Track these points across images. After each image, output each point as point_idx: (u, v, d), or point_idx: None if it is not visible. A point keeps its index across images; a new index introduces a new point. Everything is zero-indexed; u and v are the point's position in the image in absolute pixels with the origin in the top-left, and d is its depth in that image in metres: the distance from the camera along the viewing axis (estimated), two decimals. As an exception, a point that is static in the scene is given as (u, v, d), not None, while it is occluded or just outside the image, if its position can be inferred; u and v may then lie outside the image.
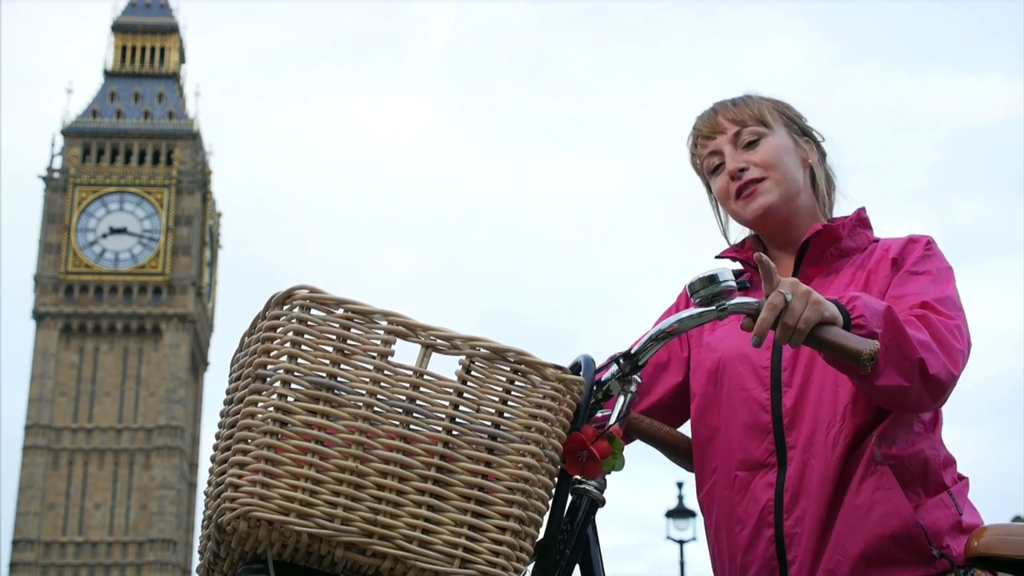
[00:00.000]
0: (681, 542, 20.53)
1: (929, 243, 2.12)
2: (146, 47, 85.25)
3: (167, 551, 72.32)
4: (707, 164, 2.20)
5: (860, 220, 2.19)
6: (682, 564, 20.56)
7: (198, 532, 1.78)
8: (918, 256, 2.09)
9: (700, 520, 2.24)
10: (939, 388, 1.91)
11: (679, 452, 2.19)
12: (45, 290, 76.23)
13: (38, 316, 75.96)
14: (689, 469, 2.21)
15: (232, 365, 1.83)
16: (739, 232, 2.28)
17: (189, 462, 78.63)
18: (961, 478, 2.06)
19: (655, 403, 2.21)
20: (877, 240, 2.19)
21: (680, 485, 20.69)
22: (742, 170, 2.14)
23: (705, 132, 2.19)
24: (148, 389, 75.93)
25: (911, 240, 2.14)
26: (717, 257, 2.26)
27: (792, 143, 2.18)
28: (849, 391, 1.99)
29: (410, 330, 1.68)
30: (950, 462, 2.05)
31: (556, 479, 1.74)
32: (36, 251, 77.42)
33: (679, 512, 20.55)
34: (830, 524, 1.96)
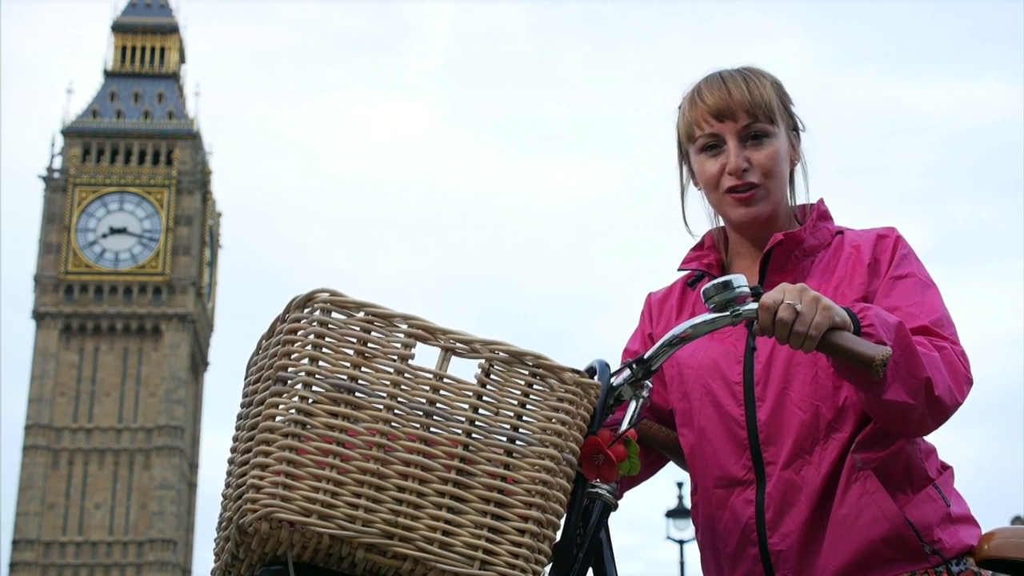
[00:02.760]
0: (681, 542, 20.54)
1: (899, 239, 2.08)
2: (146, 47, 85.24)
3: (167, 551, 72.29)
4: (701, 141, 2.09)
5: (820, 214, 2.14)
6: (682, 564, 20.57)
7: (198, 532, 1.80)
8: (895, 257, 2.05)
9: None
10: (942, 411, 1.89)
11: (673, 452, 2.18)
12: (45, 290, 76.20)
13: (38, 316, 75.94)
14: (681, 465, 2.20)
15: (248, 368, 1.84)
16: (695, 203, 2.21)
17: (189, 462, 78.63)
18: (945, 467, 2.04)
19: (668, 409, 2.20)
20: (841, 231, 2.13)
21: (680, 485, 20.69)
22: (744, 170, 2.06)
23: (713, 110, 2.07)
24: (148, 389, 75.91)
25: (880, 237, 2.08)
26: (679, 269, 2.21)
27: (788, 145, 2.12)
28: (830, 407, 1.97)
29: (430, 334, 1.69)
30: (931, 451, 2.03)
31: (573, 483, 1.75)
32: (36, 251, 77.46)
33: (679, 512, 20.55)
34: (818, 538, 1.95)
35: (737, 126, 2.07)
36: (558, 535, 1.75)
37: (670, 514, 20.66)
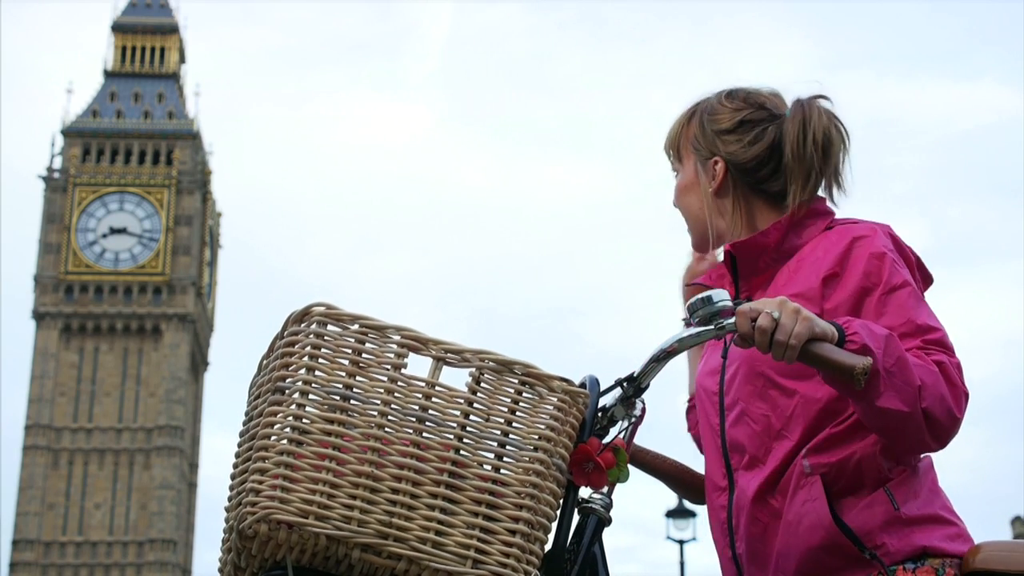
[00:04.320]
0: (681, 542, 20.56)
1: (877, 252, 2.01)
2: (146, 47, 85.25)
3: (167, 551, 72.30)
4: None
5: (810, 212, 2.12)
6: (682, 564, 20.59)
7: (198, 532, 1.85)
8: (883, 270, 2.00)
9: (700, 520, 2.33)
10: (937, 424, 1.88)
11: (679, 482, 2.25)
12: (45, 290, 76.22)
13: (38, 316, 75.96)
14: (690, 499, 2.27)
15: (251, 388, 1.90)
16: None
17: (189, 462, 78.64)
18: (913, 467, 2.01)
19: None
20: (831, 226, 2.11)
21: (680, 485, 20.65)
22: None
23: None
24: (148, 389, 75.93)
25: (855, 242, 2.03)
26: (688, 285, 2.28)
27: (693, 175, 2.20)
28: (780, 416, 2.01)
29: (422, 344, 1.76)
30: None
31: (563, 490, 1.81)
32: (36, 251, 77.46)
33: (679, 512, 20.58)
34: (771, 543, 1.99)
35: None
36: (550, 539, 1.80)
37: (670, 514, 20.69)
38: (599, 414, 1.88)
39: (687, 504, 20.60)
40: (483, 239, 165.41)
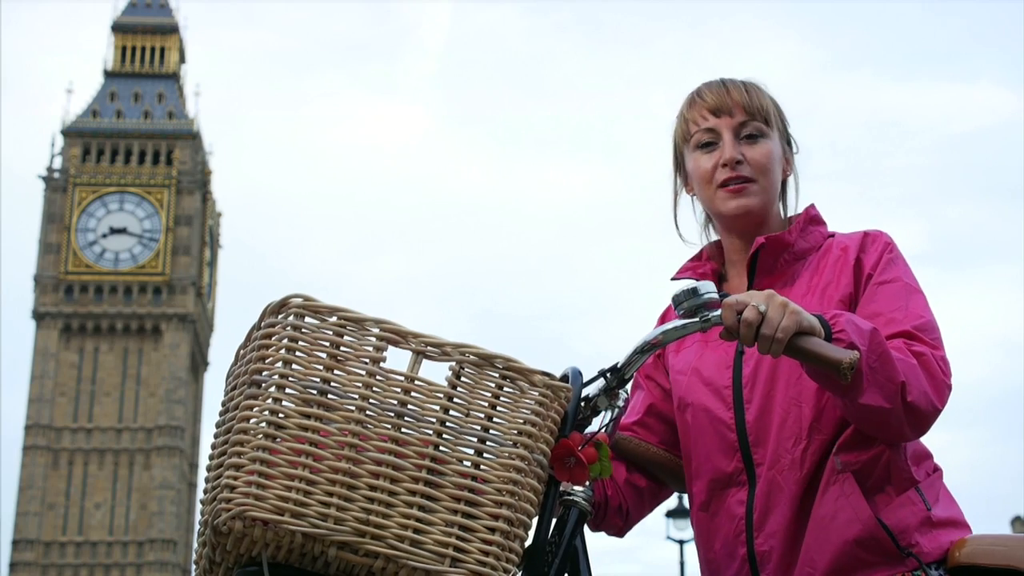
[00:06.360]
0: (681, 542, 20.55)
1: (887, 243, 2.08)
2: (146, 47, 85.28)
3: (167, 551, 72.31)
4: (697, 137, 2.13)
5: (810, 218, 2.15)
6: (682, 564, 20.58)
7: (198, 532, 1.82)
8: (881, 261, 2.06)
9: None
10: (919, 417, 1.90)
11: (665, 469, 2.21)
12: (45, 290, 76.23)
13: (38, 316, 75.96)
14: (677, 488, 2.23)
15: (228, 378, 1.87)
16: (687, 212, 2.24)
17: (189, 462, 78.60)
18: (934, 471, 2.04)
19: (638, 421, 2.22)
20: (832, 235, 2.15)
21: (679, 485, 20.62)
22: (738, 163, 2.09)
23: (712, 106, 2.12)
24: (148, 389, 75.93)
25: (867, 237, 2.09)
26: (673, 279, 2.20)
27: (781, 152, 2.15)
28: (812, 407, 1.99)
29: (401, 337, 1.72)
30: (921, 456, 2.03)
31: (544, 485, 1.78)
32: (36, 251, 77.48)
33: (679, 512, 20.55)
34: (800, 540, 1.97)
35: (733, 122, 2.11)
36: (530, 536, 1.77)
37: (670, 514, 20.66)
38: (581, 404, 1.85)
39: (687, 504, 20.58)
40: (482, 240, 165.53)
